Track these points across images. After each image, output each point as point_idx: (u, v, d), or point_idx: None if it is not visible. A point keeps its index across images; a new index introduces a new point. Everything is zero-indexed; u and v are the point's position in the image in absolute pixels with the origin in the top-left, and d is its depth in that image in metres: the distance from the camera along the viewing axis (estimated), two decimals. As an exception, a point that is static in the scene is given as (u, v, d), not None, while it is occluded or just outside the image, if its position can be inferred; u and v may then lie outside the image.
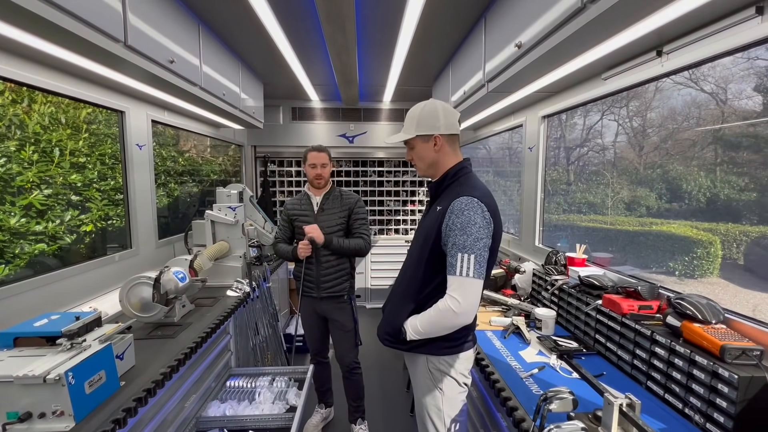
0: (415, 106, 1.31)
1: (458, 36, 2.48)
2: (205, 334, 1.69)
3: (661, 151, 2.78)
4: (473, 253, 1.10)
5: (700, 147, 2.39)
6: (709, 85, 2.02)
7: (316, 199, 2.19)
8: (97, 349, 1.19)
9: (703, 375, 1.05)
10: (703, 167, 2.30)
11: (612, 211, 3.08)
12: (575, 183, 3.48)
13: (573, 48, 1.38)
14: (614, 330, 1.42)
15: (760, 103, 1.79)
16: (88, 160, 2.42)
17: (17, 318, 1.46)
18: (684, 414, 1.11)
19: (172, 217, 3.15)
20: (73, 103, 2.26)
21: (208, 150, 4.10)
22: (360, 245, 2.11)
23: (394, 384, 2.93)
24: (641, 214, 2.88)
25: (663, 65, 1.38)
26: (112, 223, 2.47)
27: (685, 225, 2.54)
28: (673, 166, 2.59)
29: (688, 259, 2.43)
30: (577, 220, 3.20)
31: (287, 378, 2.06)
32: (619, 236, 2.99)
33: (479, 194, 1.16)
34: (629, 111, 3.35)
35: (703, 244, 2.36)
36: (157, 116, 2.43)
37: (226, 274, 2.45)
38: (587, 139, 3.70)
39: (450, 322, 1.14)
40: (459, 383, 1.27)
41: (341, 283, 2.15)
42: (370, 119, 4.39)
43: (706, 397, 1.04)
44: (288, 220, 2.21)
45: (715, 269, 2.33)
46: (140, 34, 1.59)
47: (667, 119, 2.57)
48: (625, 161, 3.28)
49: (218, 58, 2.44)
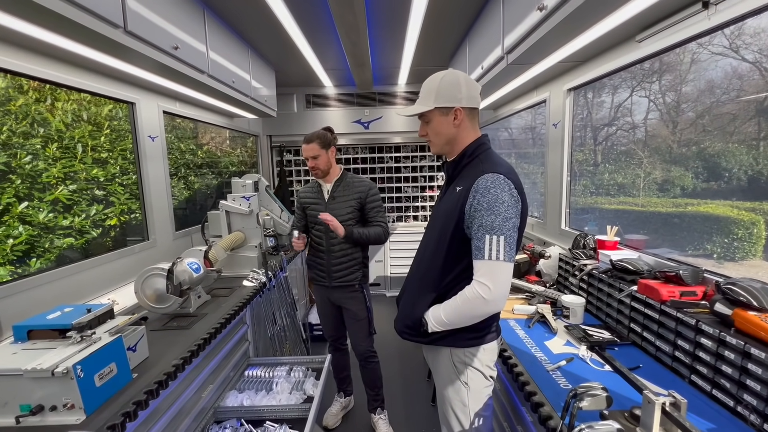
0: (433, 76, 1.19)
1: (474, 8, 2.31)
2: (219, 325, 1.67)
3: (698, 128, 2.61)
4: (502, 234, 1.00)
5: (741, 121, 2.23)
6: (752, 53, 1.84)
7: (327, 186, 2.13)
8: (107, 341, 1.17)
9: (761, 370, 0.92)
10: (744, 143, 2.14)
11: (643, 193, 2.91)
12: (603, 164, 3.29)
13: (604, 4, 1.23)
14: (652, 318, 1.29)
15: None
16: (110, 155, 2.45)
17: (40, 309, 1.48)
18: (735, 412, 0.99)
19: (191, 209, 3.18)
20: (94, 100, 2.28)
21: (226, 142, 4.11)
22: (379, 233, 2.06)
23: (414, 372, 2.87)
24: (675, 194, 2.70)
25: (710, 18, 1.21)
26: (135, 216, 2.51)
27: (724, 205, 2.39)
28: (710, 143, 2.43)
29: (727, 240, 2.28)
30: (605, 202, 3.03)
31: (305, 368, 2.04)
32: (652, 218, 2.82)
33: (504, 170, 1.06)
34: (661, 86, 3.12)
35: (744, 225, 2.21)
36: (168, 107, 2.41)
37: (242, 265, 2.43)
38: (616, 118, 3.48)
39: (480, 310, 1.04)
40: (485, 376, 1.18)
41: (353, 272, 2.11)
42: (386, 103, 4.27)
43: (764, 394, 0.91)
44: (301, 208, 2.19)
45: (758, 251, 2.19)
46: (140, 19, 1.54)
47: (704, 93, 2.39)
48: (658, 139, 3.08)
49: (226, 44, 2.38)
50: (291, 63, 3.30)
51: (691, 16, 1.25)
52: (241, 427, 1.65)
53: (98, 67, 1.79)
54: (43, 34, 1.34)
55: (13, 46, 1.46)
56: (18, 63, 1.47)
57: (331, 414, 2.32)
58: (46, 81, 1.66)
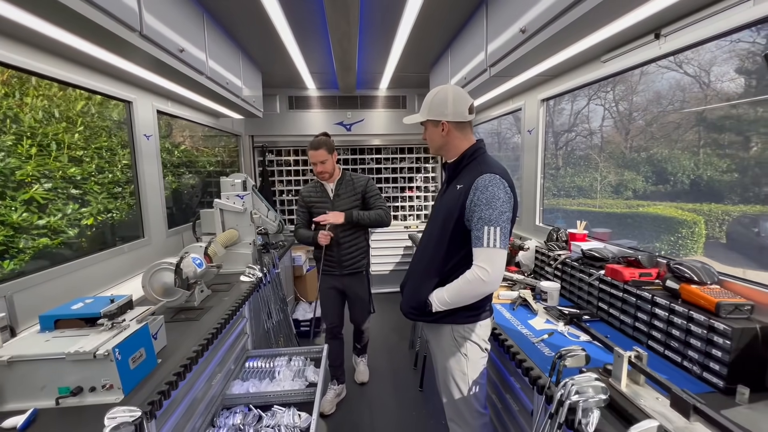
0: (432, 91, 1.39)
1: (458, 22, 2.52)
2: (228, 315, 1.76)
3: (647, 135, 2.87)
4: (498, 226, 1.19)
5: (684, 129, 2.48)
6: (692, 68, 2.09)
7: (330, 186, 2.34)
8: (136, 328, 1.25)
9: (701, 330, 1.16)
10: (687, 149, 2.40)
11: (600, 195, 3.18)
12: (564, 167, 3.57)
13: (577, 31, 1.46)
14: (616, 297, 1.53)
15: (741, 84, 1.88)
16: (85, 153, 2.43)
17: (40, 306, 1.51)
18: (682, 366, 1.23)
19: (177, 208, 3.17)
20: (66, 96, 2.25)
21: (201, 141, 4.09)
22: (380, 215, 2.31)
23: (402, 362, 3.04)
24: (628, 197, 2.99)
25: (661, 47, 1.47)
26: (112, 216, 2.50)
27: (670, 206, 2.65)
28: (658, 149, 2.69)
29: (673, 239, 2.55)
30: (567, 204, 3.30)
31: (303, 357, 2.15)
32: (608, 219, 3.10)
33: (499, 171, 1.25)
34: (615, 95, 3.42)
35: (687, 225, 2.48)
36: (161, 106, 2.44)
37: (237, 261, 2.50)
38: (575, 124, 3.78)
39: (479, 290, 1.23)
40: (481, 348, 1.37)
41: (360, 260, 2.41)
42: (367, 107, 4.42)
43: (703, 349, 1.15)
44: (306, 206, 2.38)
45: (699, 248, 2.45)
46: (154, 23, 1.61)
47: (652, 102, 2.65)
48: (612, 145, 3.38)
49: (220, 47, 2.45)
50: (278, 65, 3.38)
51: (646, 44, 1.50)
52: (250, 412, 1.74)
53: (96, 65, 1.81)
54: (59, 33, 1.39)
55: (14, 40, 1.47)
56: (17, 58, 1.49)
57: (327, 401, 2.45)
58: (46, 77, 1.68)
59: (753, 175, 1.90)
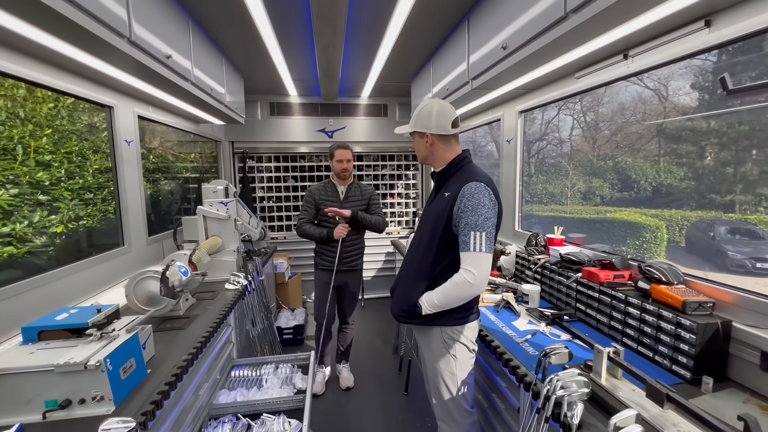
0: (421, 103, 1.46)
1: (440, 35, 2.62)
2: (216, 323, 1.74)
3: (612, 144, 3.05)
4: (484, 231, 1.25)
5: (646, 140, 2.66)
6: (652, 82, 2.26)
7: (341, 188, 2.62)
8: (126, 338, 1.23)
9: (669, 326, 1.27)
10: (648, 158, 2.58)
11: (570, 201, 3.34)
12: (536, 175, 3.72)
13: (554, 50, 1.56)
14: (593, 298, 1.63)
15: (696, 99, 2.06)
16: (53, 158, 2.35)
17: (18, 318, 1.46)
18: (653, 360, 1.33)
19: (154, 214, 3.09)
20: (31, 97, 2.18)
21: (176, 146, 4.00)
22: (379, 221, 2.60)
23: (386, 367, 3.07)
24: (596, 203, 3.16)
25: (629, 66, 1.60)
26: (84, 223, 2.42)
27: (635, 212, 2.83)
28: (622, 158, 2.87)
29: (638, 243, 2.71)
30: (539, 210, 3.44)
31: (290, 364, 2.14)
32: (578, 224, 3.26)
33: (484, 180, 1.32)
34: (583, 106, 3.61)
35: (650, 229, 2.65)
36: (142, 112, 2.39)
37: (221, 269, 2.47)
38: (546, 133, 3.95)
39: (467, 293, 1.29)
40: (469, 349, 1.43)
41: (358, 258, 2.70)
42: (349, 114, 4.46)
43: (672, 344, 1.26)
44: (314, 203, 2.58)
45: (662, 251, 2.63)
46: (142, 30, 1.60)
47: (616, 113, 2.83)
48: (581, 153, 3.56)
49: (205, 53, 2.44)
50: (260, 71, 3.37)
51: (615, 63, 1.63)
52: (239, 421, 1.72)
53: (77, 69, 1.76)
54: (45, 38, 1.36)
55: (5, 48, 1.44)
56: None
57: (317, 383, 2.67)
58: (30, 82, 1.63)
59: (708, 183, 2.04)
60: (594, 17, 1.24)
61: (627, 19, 1.26)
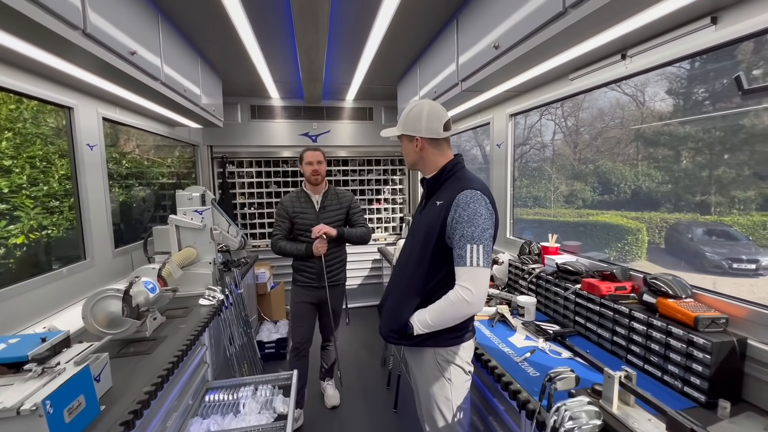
0: (409, 104, 1.35)
1: (427, 36, 2.53)
2: (185, 346, 1.58)
3: (592, 148, 3.07)
4: (481, 244, 1.14)
5: (624, 144, 2.68)
6: (630, 88, 2.27)
7: (316, 197, 2.35)
8: (74, 372, 1.07)
9: (680, 344, 1.18)
10: (627, 162, 2.58)
11: (554, 204, 3.32)
12: (520, 179, 3.70)
13: (550, 49, 1.48)
14: (593, 311, 1.54)
15: (671, 104, 2.06)
16: (14, 163, 2.15)
17: None
18: (662, 381, 1.24)
19: (123, 224, 2.89)
20: None
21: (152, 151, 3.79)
22: (364, 232, 2.39)
23: (374, 381, 2.93)
24: (579, 206, 3.15)
25: (627, 67, 1.52)
26: (48, 233, 2.22)
27: (616, 215, 2.83)
28: (602, 162, 2.88)
29: (620, 245, 2.71)
30: (524, 213, 3.40)
31: (271, 386, 1.98)
32: (562, 227, 3.24)
33: (480, 187, 1.21)
34: (564, 111, 3.64)
35: (632, 231, 2.65)
36: (108, 114, 2.21)
37: (195, 282, 2.29)
38: (529, 138, 3.95)
39: (463, 312, 1.17)
40: (465, 371, 1.31)
41: (341, 272, 2.48)
42: (333, 118, 4.34)
43: (683, 363, 1.16)
44: (287, 217, 2.33)
45: (643, 253, 2.62)
46: (101, 22, 1.44)
47: (596, 119, 2.85)
48: (563, 158, 3.56)
49: (178, 51, 2.28)
50: (239, 73, 3.22)
51: (613, 63, 1.55)
52: (212, 454, 1.56)
53: (33, 67, 1.59)
54: (-16, 29, 1.19)
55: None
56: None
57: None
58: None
59: (684, 186, 2.06)
60: (596, 12, 1.15)
61: (631, 15, 1.18)
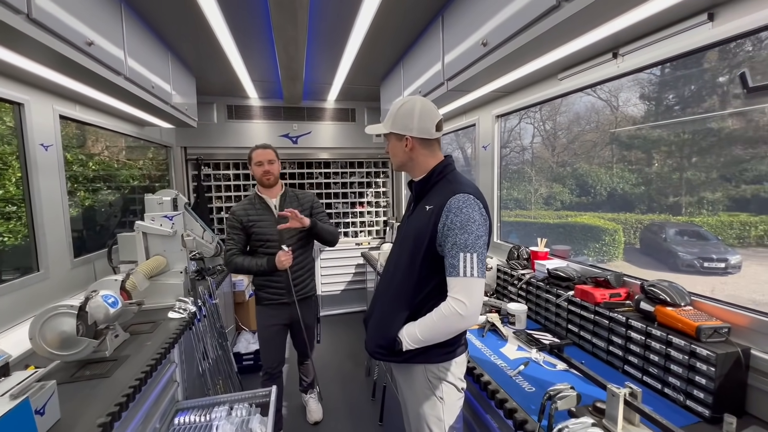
0: (398, 101, 1.25)
1: (411, 34, 2.45)
2: (149, 367, 1.43)
3: (570, 151, 3.12)
4: (475, 252, 1.05)
5: (600, 147, 2.73)
6: (604, 93, 2.30)
7: (273, 201, 2.10)
8: (9, 408, 0.92)
9: (681, 356, 1.12)
10: (603, 165, 2.62)
11: (534, 206, 3.33)
12: (500, 181, 3.71)
13: (542, 46, 1.41)
14: (587, 319, 1.48)
15: (643, 109, 2.08)
16: None
17: None
18: (663, 394, 1.18)
19: (87, 230, 2.68)
20: None
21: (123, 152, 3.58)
22: (334, 231, 2.17)
23: (358, 393, 2.81)
24: (557, 207, 3.18)
25: (618, 66, 1.47)
26: (3, 241, 2.03)
27: (594, 216, 2.87)
28: (579, 164, 2.92)
29: (598, 245, 2.74)
30: (505, 215, 3.40)
31: (247, 404, 1.84)
32: (543, 229, 3.26)
33: (472, 191, 1.13)
34: (542, 115, 3.68)
35: (609, 232, 2.68)
36: (66, 111, 2.03)
37: (165, 294, 2.12)
38: (509, 141, 3.97)
39: (456, 326, 1.08)
40: (458, 389, 1.21)
41: (310, 282, 2.23)
42: (314, 119, 4.21)
43: (685, 376, 1.11)
44: (241, 228, 2.06)
45: (620, 253, 2.66)
46: (50, 6, 1.29)
47: (573, 122, 2.88)
48: (541, 160, 3.59)
49: (145, 45, 2.12)
50: (215, 71, 3.06)
51: (604, 62, 1.51)
52: (180, 485, 1.41)
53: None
54: None
55: None
56: None
57: None
58: None
59: (657, 188, 2.09)
60: (591, 6, 1.09)
61: (628, 9, 1.12)
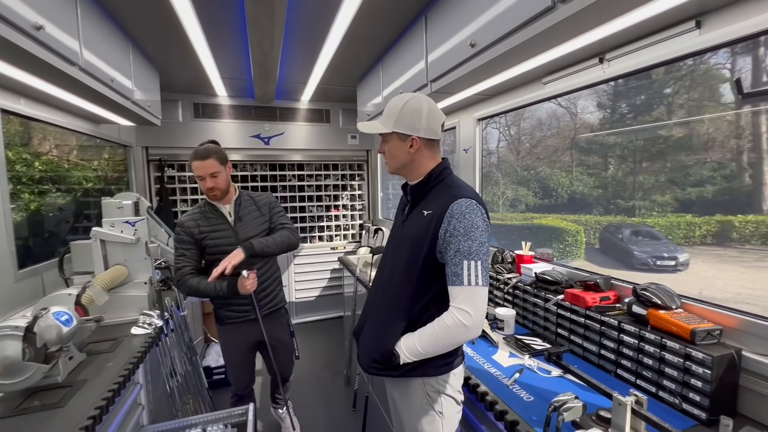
0: (399, 97, 1.17)
1: (392, 34, 2.39)
2: (111, 393, 1.27)
3: (533, 156, 3.24)
4: (479, 260, 1.00)
5: (561, 152, 2.84)
6: (565, 101, 2.40)
7: (227, 208, 1.87)
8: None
9: (676, 359, 1.12)
10: (563, 169, 2.73)
11: (501, 208, 3.42)
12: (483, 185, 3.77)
13: (533, 48, 1.40)
14: (578, 323, 1.47)
15: (599, 117, 2.19)
16: None
17: None
18: (658, 397, 1.18)
19: (34, 237, 2.40)
20: None
21: (75, 152, 3.27)
22: (287, 236, 1.88)
23: (338, 404, 2.71)
24: (522, 210, 3.27)
25: (604, 71, 1.49)
26: None
27: (557, 218, 2.98)
28: (542, 168, 3.03)
29: (562, 246, 2.84)
30: None
31: (222, 425, 1.70)
32: (511, 230, 3.34)
33: (473, 195, 1.08)
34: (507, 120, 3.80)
35: (571, 233, 2.79)
36: (8, 105, 1.80)
37: (127, 307, 1.93)
38: None
39: (460, 337, 1.02)
40: (457, 401, 1.16)
41: (278, 293, 2.04)
42: (287, 119, 4.06)
43: (681, 379, 1.11)
44: (193, 241, 1.80)
45: (582, 253, 2.76)
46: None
47: (536, 128, 2.99)
48: (507, 164, 3.69)
49: (102, 35, 1.93)
50: (180, 66, 2.87)
51: (590, 67, 1.52)
52: None
53: None
54: None
55: None
56: None
57: None
58: None
59: (613, 191, 2.19)
60: (587, 9, 1.07)
61: (622, 12, 1.12)
